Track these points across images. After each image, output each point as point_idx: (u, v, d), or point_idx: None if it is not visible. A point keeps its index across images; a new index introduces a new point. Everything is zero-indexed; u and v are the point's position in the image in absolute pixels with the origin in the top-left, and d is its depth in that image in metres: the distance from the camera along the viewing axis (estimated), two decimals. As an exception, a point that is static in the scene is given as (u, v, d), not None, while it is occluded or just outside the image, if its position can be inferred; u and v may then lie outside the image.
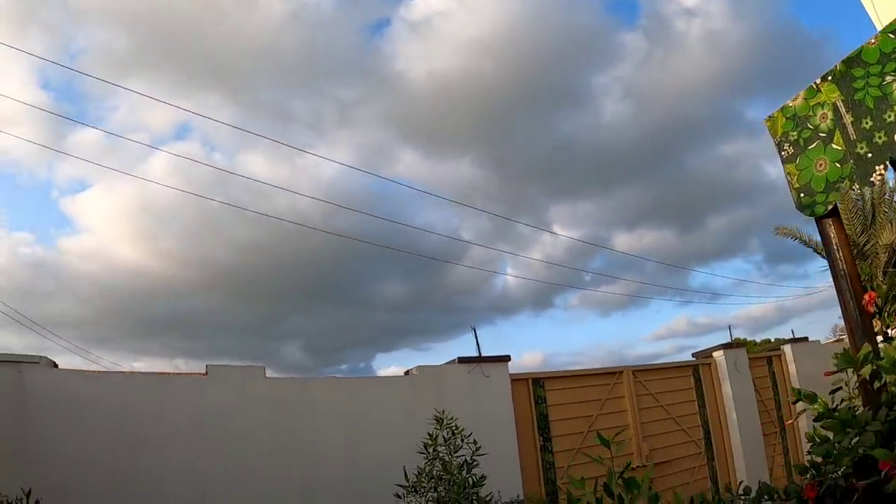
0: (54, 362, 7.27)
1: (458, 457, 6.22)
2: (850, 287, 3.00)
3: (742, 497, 2.59)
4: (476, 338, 9.22)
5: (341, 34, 29.32)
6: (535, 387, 9.48)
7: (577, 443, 9.48)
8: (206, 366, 7.49)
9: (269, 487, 7.31)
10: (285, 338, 41.31)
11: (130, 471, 6.92)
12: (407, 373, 8.69)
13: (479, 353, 8.95)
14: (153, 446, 7.07)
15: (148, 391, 7.21)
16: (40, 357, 7.12)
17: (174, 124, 33.40)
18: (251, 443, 7.39)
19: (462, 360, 8.73)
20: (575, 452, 9.36)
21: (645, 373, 10.64)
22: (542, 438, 9.31)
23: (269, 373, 7.71)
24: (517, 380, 9.27)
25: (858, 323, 2.88)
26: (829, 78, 3.19)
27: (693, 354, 11.71)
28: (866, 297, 2.62)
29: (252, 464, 7.33)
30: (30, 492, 5.45)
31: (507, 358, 9.05)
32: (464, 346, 9.14)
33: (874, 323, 2.85)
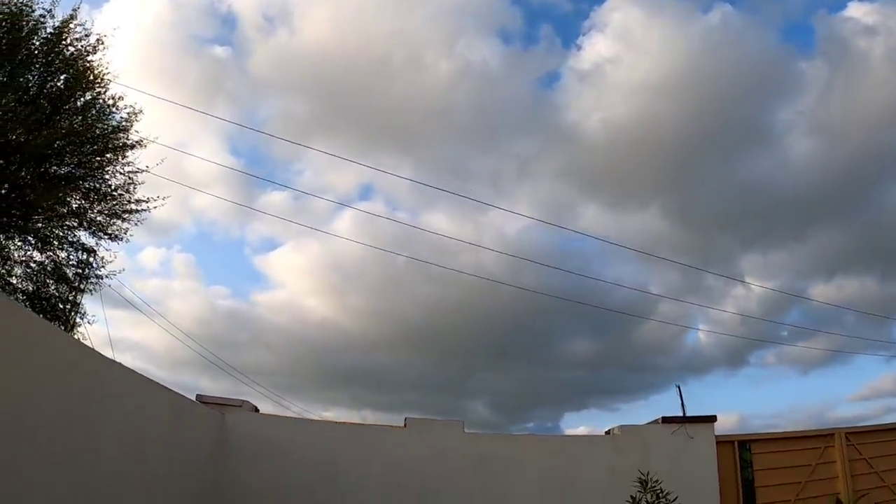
0: (256, 407, 7.42)
1: None
2: None
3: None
4: (681, 396, 8.67)
5: (511, 89, 29.38)
6: (742, 450, 8.85)
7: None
8: (405, 418, 7.42)
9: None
10: (472, 395, 41.67)
11: (324, 515, 6.90)
12: (608, 432, 8.32)
13: (684, 413, 8.31)
14: (350, 494, 7.05)
15: (347, 440, 7.24)
16: (242, 401, 7.32)
17: (357, 185, 34.72)
18: (448, 497, 7.22)
19: (666, 419, 8.22)
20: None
21: (860, 435, 9.57)
22: (746, 504, 8.48)
23: (466, 428, 7.49)
24: (722, 442, 8.70)
25: None
26: None
27: (918, 416, 10.32)
28: None
29: (447, 518, 7.12)
30: None
31: (713, 418, 8.47)
32: (654, 407, 8.61)
33: None
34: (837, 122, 27.64)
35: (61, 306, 13.26)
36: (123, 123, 12.94)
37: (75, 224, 13.15)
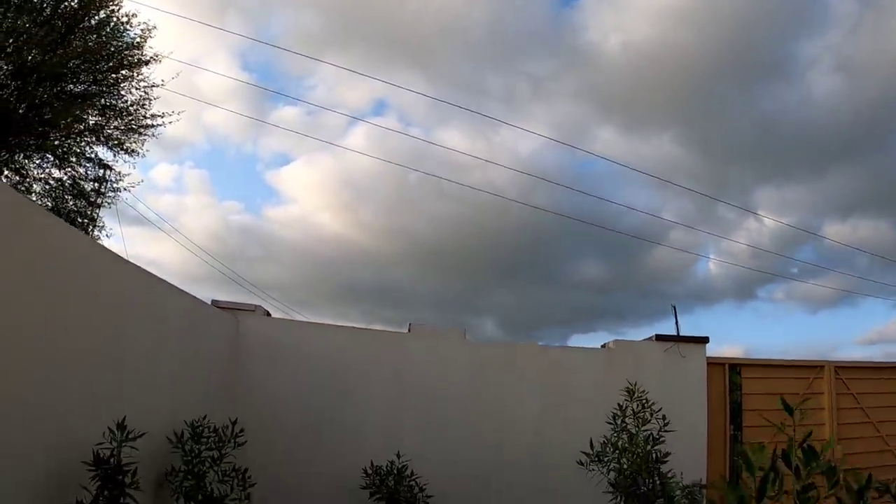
0: (268, 311, 7.78)
1: (644, 430, 6.23)
2: None
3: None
4: (675, 316, 9.10)
5: (529, 6, 28.16)
6: (732, 373, 9.16)
7: (769, 437, 8.89)
8: (409, 324, 7.77)
9: (461, 443, 7.61)
10: (482, 312, 42.03)
11: (331, 414, 7.40)
12: (604, 346, 8.68)
13: (678, 333, 8.63)
14: (354, 394, 7.51)
15: (354, 343, 7.61)
16: (256, 306, 7.68)
17: (370, 101, 34.32)
18: (447, 400, 7.66)
19: (660, 337, 8.59)
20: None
21: (849, 370, 9.81)
22: (732, 427, 8.90)
23: (468, 336, 7.87)
24: (713, 363, 8.98)
25: None
26: None
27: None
28: None
29: (446, 419, 7.66)
30: (235, 421, 5.92)
31: (705, 339, 8.80)
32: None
33: None
34: (864, 61, 26.83)
35: (80, 221, 13.63)
36: (137, 40, 13.15)
37: (93, 140, 13.46)
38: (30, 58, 11.90)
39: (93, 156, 13.60)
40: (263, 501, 6.39)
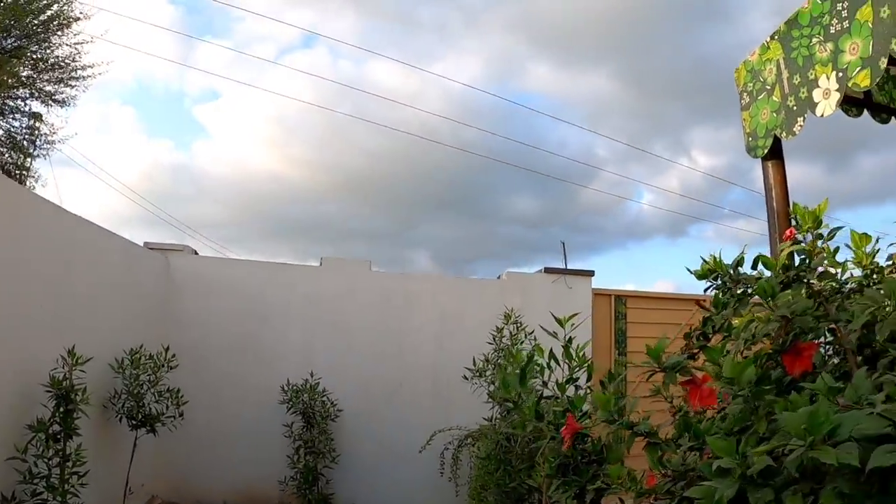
0: (195, 250, 8.55)
1: (521, 349, 7.05)
2: (778, 226, 3.43)
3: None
4: (564, 251, 9.93)
5: None
6: (618, 303, 10.04)
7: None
8: (321, 258, 8.62)
9: (368, 363, 8.58)
10: (415, 246, 41.84)
11: (252, 339, 8.28)
12: (499, 277, 9.57)
13: (566, 266, 9.63)
14: (273, 321, 8.39)
15: (272, 276, 8.45)
16: (184, 246, 8.44)
17: (301, 33, 33.92)
18: (355, 325, 8.60)
19: (548, 269, 9.48)
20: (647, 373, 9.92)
21: (727, 303, 10.93)
22: (617, 352, 9.90)
23: (374, 267, 8.75)
24: (600, 294, 9.87)
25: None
26: (776, 37, 3.69)
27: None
28: (787, 232, 2.61)
29: (355, 342, 8.58)
30: (168, 348, 6.84)
31: (591, 273, 9.73)
32: (597, 270, 9.73)
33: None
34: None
35: (15, 172, 14.01)
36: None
37: (26, 95, 13.78)
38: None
39: (26, 109, 13.97)
40: (195, 415, 7.31)
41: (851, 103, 4.20)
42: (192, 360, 7.66)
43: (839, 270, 2.48)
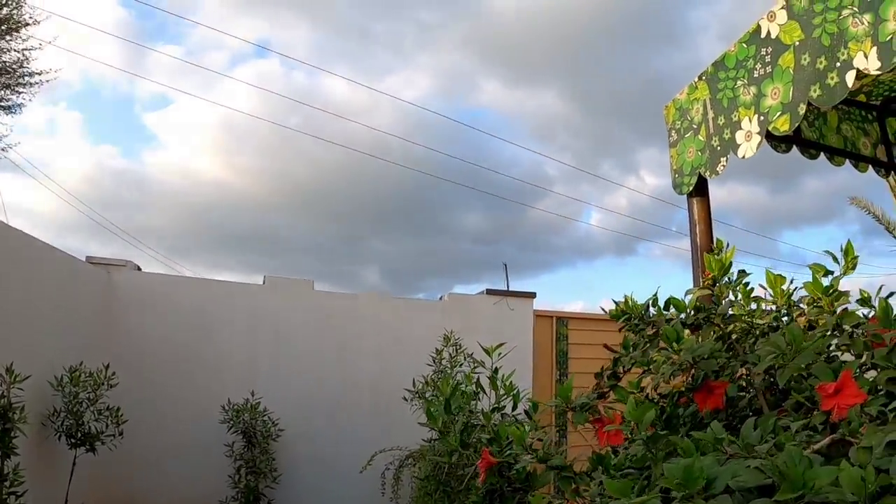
0: (139, 266, 8.54)
1: (459, 372, 7.24)
2: (701, 261, 3.65)
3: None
4: (506, 273, 10.16)
5: None
6: (559, 325, 10.26)
7: (589, 381, 10.27)
8: (264, 276, 8.69)
9: (310, 381, 8.64)
10: (364, 261, 41.53)
11: (195, 357, 8.29)
12: (441, 298, 9.72)
13: (508, 288, 9.85)
14: (216, 339, 8.40)
15: (215, 294, 8.47)
16: (126, 261, 8.41)
17: (254, 40, 33.54)
18: (298, 344, 8.66)
19: (490, 291, 9.67)
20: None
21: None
22: (558, 372, 10.13)
23: (317, 286, 8.85)
24: (542, 316, 10.09)
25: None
26: (703, 77, 3.86)
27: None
28: (707, 273, 2.80)
29: (297, 360, 8.63)
30: (108, 365, 6.84)
31: (532, 294, 9.94)
32: (545, 286, 9.96)
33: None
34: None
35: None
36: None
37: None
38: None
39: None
40: (136, 433, 7.30)
41: (780, 140, 4.33)
42: (133, 377, 7.63)
43: (751, 308, 2.66)
